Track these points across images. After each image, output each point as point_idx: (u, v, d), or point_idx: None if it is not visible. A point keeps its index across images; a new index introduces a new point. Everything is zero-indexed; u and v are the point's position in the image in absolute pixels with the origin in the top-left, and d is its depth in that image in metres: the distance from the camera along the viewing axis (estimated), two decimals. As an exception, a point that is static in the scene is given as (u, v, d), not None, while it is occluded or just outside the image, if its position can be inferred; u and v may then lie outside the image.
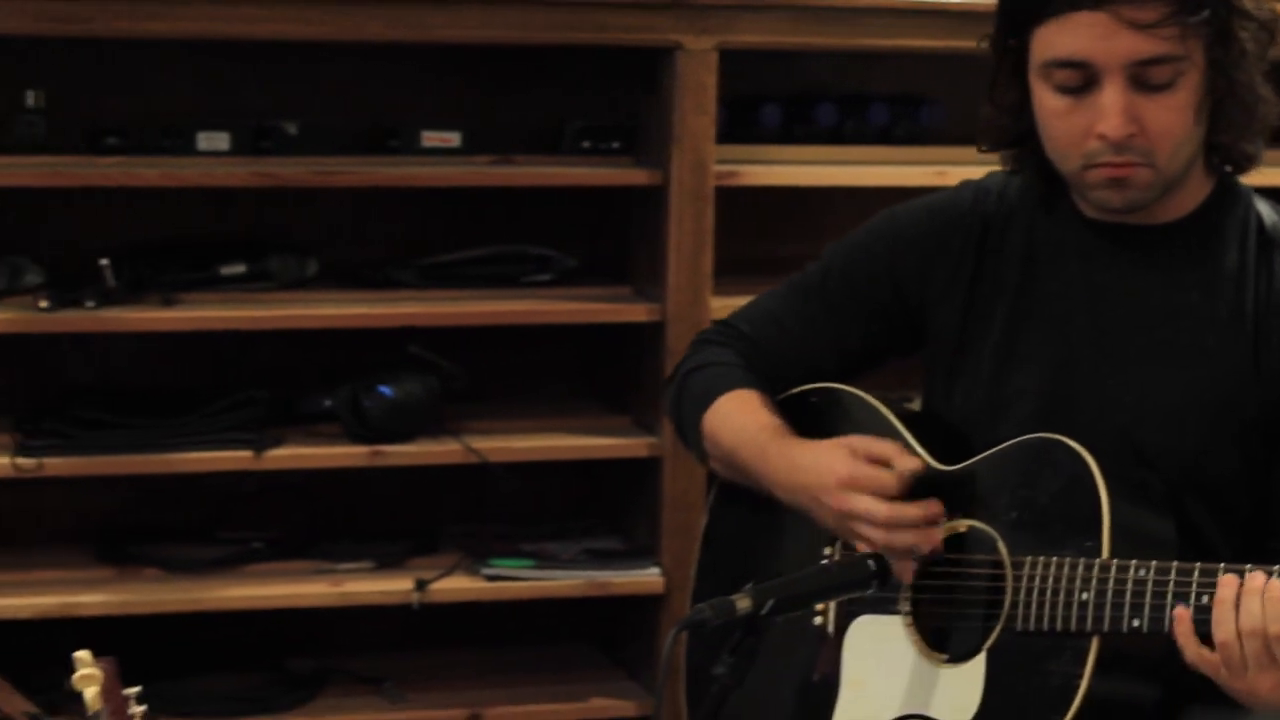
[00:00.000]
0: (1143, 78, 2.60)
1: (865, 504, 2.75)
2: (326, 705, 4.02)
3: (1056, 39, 2.63)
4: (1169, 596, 2.51)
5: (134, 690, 2.06)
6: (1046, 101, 2.67)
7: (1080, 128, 2.64)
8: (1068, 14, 2.60)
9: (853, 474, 2.77)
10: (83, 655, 2.01)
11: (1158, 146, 2.63)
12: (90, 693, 1.98)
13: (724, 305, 3.72)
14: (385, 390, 3.94)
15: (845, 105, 4.23)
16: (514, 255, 4.18)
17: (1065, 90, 2.64)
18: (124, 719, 1.99)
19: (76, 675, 1.99)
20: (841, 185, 4.06)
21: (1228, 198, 2.78)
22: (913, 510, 2.76)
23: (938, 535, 2.79)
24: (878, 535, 2.76)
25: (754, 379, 3.02)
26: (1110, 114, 2.60)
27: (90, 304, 3.81)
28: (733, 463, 2.99)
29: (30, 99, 3.90)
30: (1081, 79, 2.62)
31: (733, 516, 3.13)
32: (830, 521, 2.83)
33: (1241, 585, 2.45)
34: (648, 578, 4.01)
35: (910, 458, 2.80)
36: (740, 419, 2.97)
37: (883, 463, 2.80)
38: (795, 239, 3.98)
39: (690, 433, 3.07)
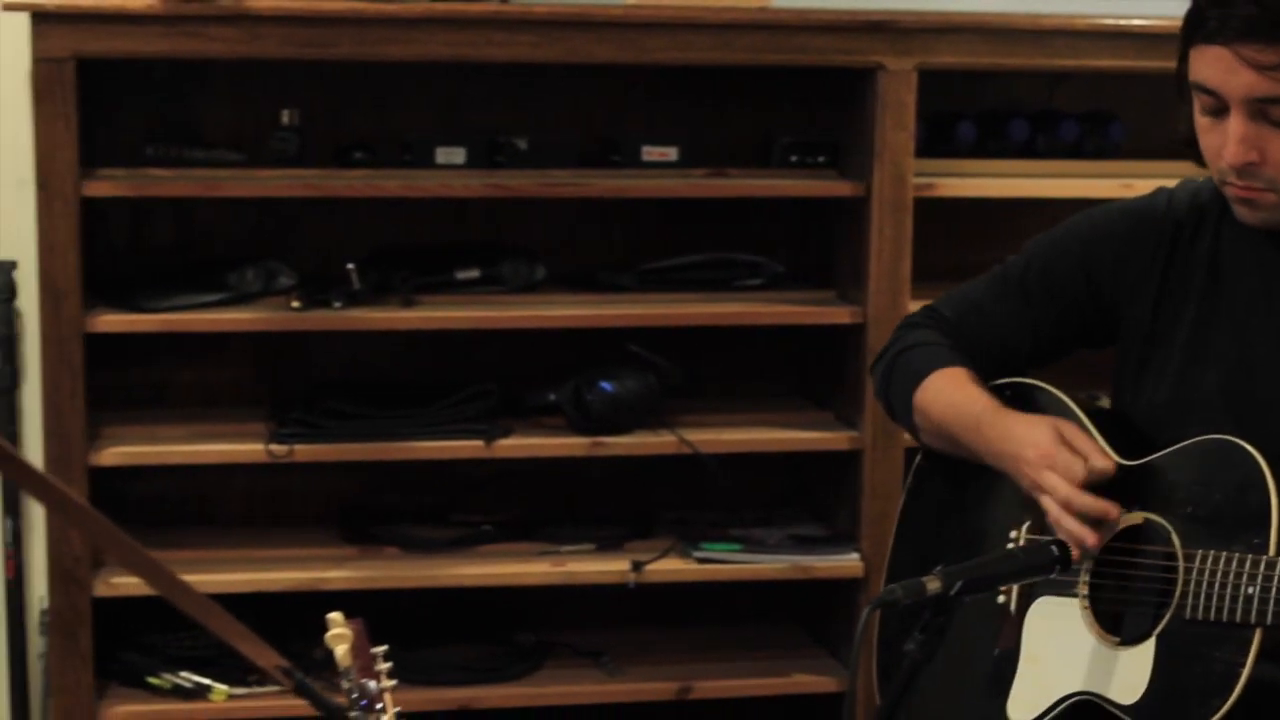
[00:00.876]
0: (1265, 112, 2.60)
1: (1052, 481, 2.76)
2: (549, 676, 4.06)
3: (1197, 65, 2.64)
4: (1327, 594, 2.53)
5: (381, 649, 2.11)
6: (1196, 117, 2.69)
7: (1216, 146, 2.66)
8: (1203, 45, 2.62)
9: (1050, 453, 2.78)
10: (335, 616, 2.03)
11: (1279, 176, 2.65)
12: (341, 650, 2.01)
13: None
14: (606, 386, 3.97)
15: (1037, 122, 4.19)
16: (726, 261, 4.19)
17: (1206, 111, 2.66)
18: (372, 675, 2.03)
19: (329, 634, 2.02)
20: (1033, 197, 4.03)
21: None
22: (1088, 501, 2.76)
23: (1103, 536, 2.78)
24: (1053, 512, 2.78)
25: (961, 356, 3.03)
26: (1230, 142, 2.62)
27: (338, 304, 3.87)
28: (944, 434, 3.01)
29: (285, 118, 3.96)
30: (1216, 104, 2.63)
31: (925, 503, 3.14)
32: (1025, 487, 2.85)
33: None
34: (848, 562, 4.01)
35: (1104, 459, 2.79)
36: (953, 394, 2.98)
37: (1082, 455, 2.78)
38: (988, 248, 3.87)
39: (901, 408, 3.08)
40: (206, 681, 3.85)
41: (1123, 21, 3.96)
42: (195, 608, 1.78)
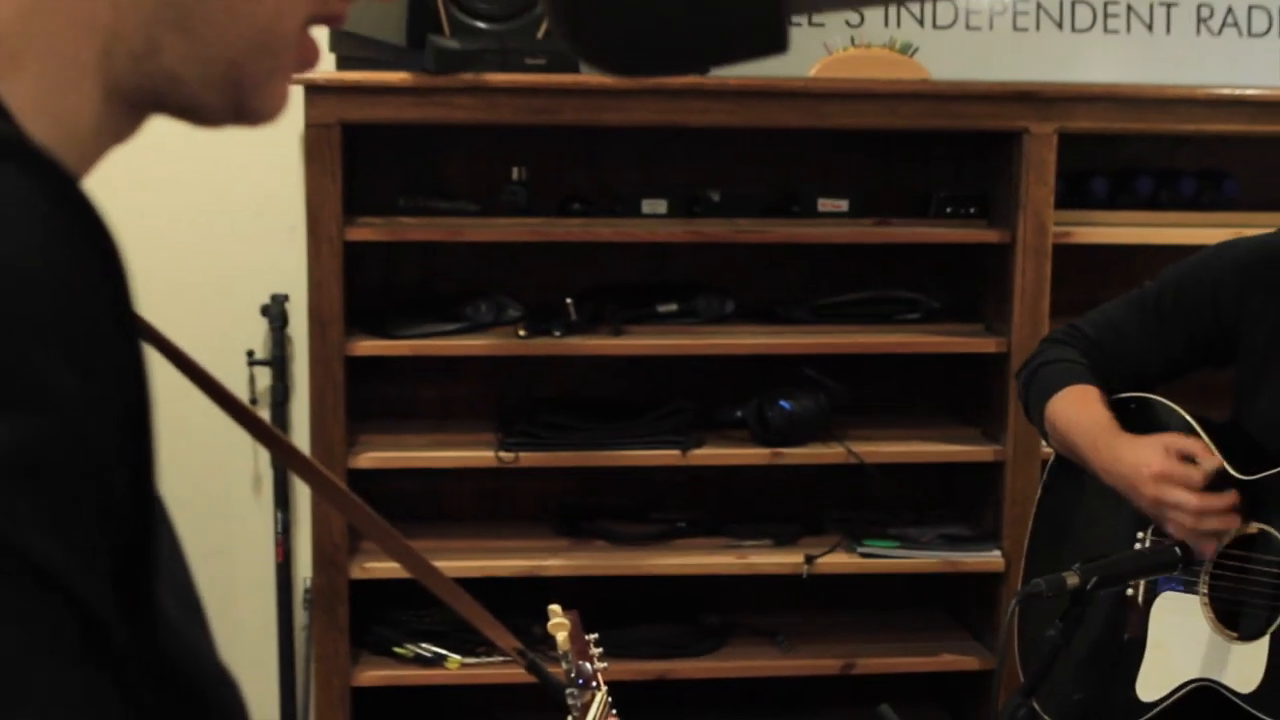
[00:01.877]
0: None
1: (1179, 496, 2.74)
2: (732, 652, 4.08)
3: None
4: None
5: (593, 636, 2.10)
6: None
7: None
8: None
9: (1166, 469, 2.76)
10: (555, 608, 2.05)
11: None
12: (561, 636, 2.01)
13: (1059, 342, 3.86)
14: (785, 404, 3.97)
15: (1160, 179, 4.15)
16: (889, 298, 4.18)
17: None
18: (586, 659, 2.02)
19: (550, 623, 2.02)
20: (1156, 244, 3.96)
21: None
22: (1218, 501, 2.73)
23: (1236, 520, 2.73)
24: (1187, 521, 2.72)
25: (1092, 375, 3.02)
26: None
27: (557, 333, 3.89)
28: (1067, 446, 3.00)
29: (515, 174, 4.00)
30: None
31: (1058, 500, 3.14)
32: (1145, 506, 2.81)
33: None
34: (991, 558, 4.00)
35: (1212, 456, 2.75)
36: (1077, 411, 2.97)
37: (1190, 458, 2.75)
38: (1117, 288, 3.69)
39: (1036, 414, 3.07)
40: (443, 652, 3.91)
41: (1236, 91, 3.94)
42: (443, 590, 1.75)
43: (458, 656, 3.94)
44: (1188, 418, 2.98)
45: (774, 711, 4.20)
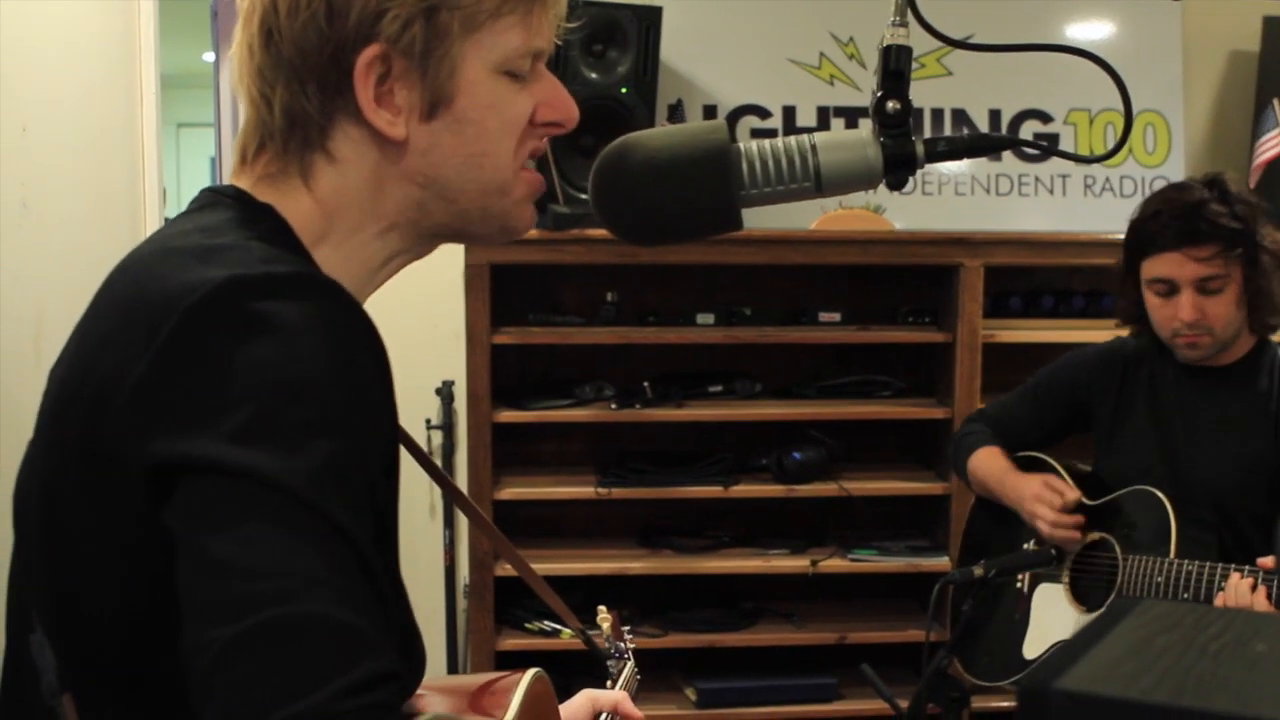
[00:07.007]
0: (1203, 287, 2.70)
1: (1043, 510, 2.86)
2: (761, 628, 4.09)
3: (1154, 267, 2.77)
4: (1204, 581, 2.62)
5: (627, 627, 2.15)
6: (1149, 300, 2.81)
7: (1169, 315, 2.77)
8: (1160, 254, 2.71)
9: (1039, 492, 2.89)
10: (602, 608, 2.11)
11: (1214, 325, 2.74)
12: (605, 626, 2.07)
13: (988, 411, 3.87)
14: (796, 455, 4.03)
15: (1059, 297, 4.19)
16: (869, 380, 4.22)
17: (1159, 294, 2.75)
18: (621, 639, 2.05)
19: (599, 617, 2.08)
20: (1056, 342, 3.89)
21: (1262, 348, 2.83)
22: (1068, 519, 2.85)
23: (1077, 534, 2.84)
24: (1045, 528, 2.85)
25: (996, 440, 3.14)
26: (1186, 309, 2.73)
27: (638, 406, 3.94)
28: (983, 486, 3.10)
29: (609, 296, 4.09)
30: (1169, 288, 2.73)
31: (979, 522, 3.22)
32: (1025, 517, 2.92)
33: (1240, 579, 2.60)
34: (942, 562, 4.03)
35: (1073, 491, 2.86)
36: (988, 463, 3.10)
37: (1058, 493, 2.88)
38: (1027, 374, 3.71)
39: (960, 470, 3.20)
40: (558, 626, 3.94)
41: (1112, 235, 3.64)
42: (537, 584, 1.79)
43: (568, 629, 3.89)
44: (1058, 466, 3.11)
45: (790, 671, 4.13)
